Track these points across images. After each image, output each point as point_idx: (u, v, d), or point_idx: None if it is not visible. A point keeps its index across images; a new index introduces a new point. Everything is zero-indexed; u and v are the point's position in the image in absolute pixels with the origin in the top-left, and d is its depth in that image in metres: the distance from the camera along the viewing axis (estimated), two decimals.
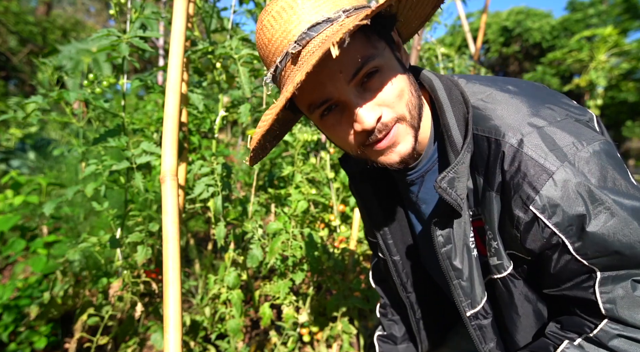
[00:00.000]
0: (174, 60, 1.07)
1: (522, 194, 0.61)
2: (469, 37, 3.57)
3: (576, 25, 16.14)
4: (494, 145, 0.64)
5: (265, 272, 1.93)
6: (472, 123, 0.67)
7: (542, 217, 0.60)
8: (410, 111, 0.66)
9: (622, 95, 12.71)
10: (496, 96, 0.67)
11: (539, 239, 0.62)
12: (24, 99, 1.32)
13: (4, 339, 1.68)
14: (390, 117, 0.64)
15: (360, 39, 0.61)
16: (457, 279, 0.73)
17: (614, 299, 0.59)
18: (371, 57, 0.61)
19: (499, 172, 0.64)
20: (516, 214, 0.62)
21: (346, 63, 0.60)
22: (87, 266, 1.90)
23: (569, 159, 0.59)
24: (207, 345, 1.66)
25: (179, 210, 1.02)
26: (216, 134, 1.53)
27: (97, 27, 15.61)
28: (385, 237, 0.92)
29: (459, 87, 0.71)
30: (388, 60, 0.64)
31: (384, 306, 1.14)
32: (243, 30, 1.64)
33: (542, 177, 0.59)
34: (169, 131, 1.04)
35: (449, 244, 0.71)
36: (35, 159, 4.34)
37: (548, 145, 0.60)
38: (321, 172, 1.91)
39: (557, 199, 0.59)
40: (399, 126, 0.66)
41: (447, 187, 0.65)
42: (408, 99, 0.65)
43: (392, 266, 0.94)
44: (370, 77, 0.62)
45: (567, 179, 0.58)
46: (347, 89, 0.62)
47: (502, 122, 0.64)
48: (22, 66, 12.55)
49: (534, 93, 0.66)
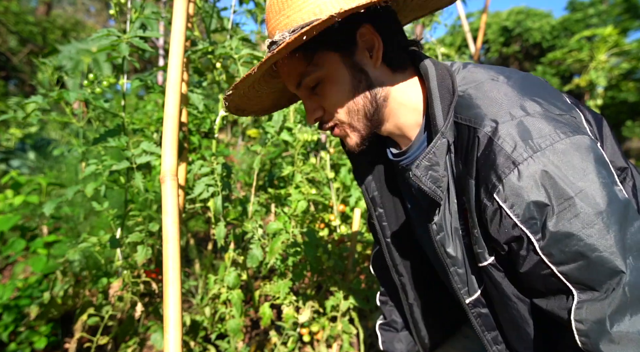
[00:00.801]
0: (174, 60, 1.07)
1: (488, 183, 0.61)
2: (469, 37, 3.57)
3: (576, 25, 16.13)
4: (472, 133, 0.64)
5: (265, 272, 1.93)
6: (453, 111, 0.67)
7: (504, 206, 0.59)
8: (352, 118, 0.73)
9: (622, 95, 12.70)
10: (484, 85, 0.67)
11: (502, 230, 0.61)
12: (24, 99, 1.32)
13: (4, 339, 1.68)
14: (327, 119, 0.76)
15: (298, 56, 0.69)
16: (453, 267, 0.74)
17: (589, 333, 0.55)
18: (306, 74, 0.71)
19: (474, 160, 0.64)
20: (483, 202, 0.62)
21: (289, 75, 0.73)
22: (87, 266, 1.90)
23: (540, 150, 0.57)
24: (207, 345, 1.66)
25: (179, 210, 1.02)
26: (216, 134, 1.53)
27: (97, 27, 15.61)
28: (380, 218, 0.95)
29: (452, 76, 0.71)
30: (331, 72, 0.70)
31: (384, 293, 1.15)
32: (243, 30, 1.64)
33: (507, 166, 0.58)
34: (169, 131, 1.04)
35: (442, 231, 0.72)
36: (35, 159, 4.34)
37: (521, 135, 0.59)
38: (321, 172, 1.91)
39: (519, 190, 0.57)
40: (337, 129, 0.76)
41: (421, 175, 0.67)
42: (349, 107, 0.73)
43: (386, 248, 0.97)
44: (315, 86, 0.73)
45: (534, 170, 0.57)
46: (297, 91, 0.75)
47: (482, 110, 0.64)
48: (22, 66, 12.55)
49: (524, 85, 0.66)
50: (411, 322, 1.02)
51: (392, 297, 1.13)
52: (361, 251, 1.99)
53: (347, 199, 2.03)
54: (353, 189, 1.88)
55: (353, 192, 1.86)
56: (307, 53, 0.69)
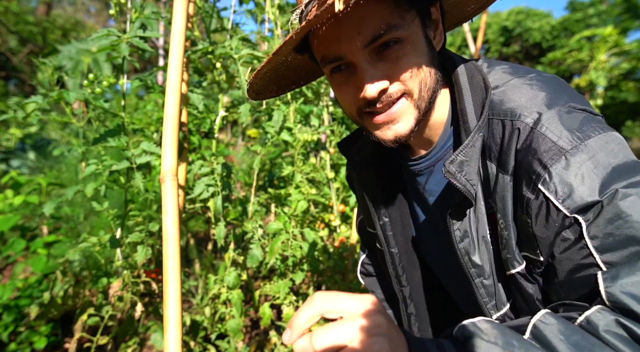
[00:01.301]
0: (174, 60, 1.07)
1: (531, 173, 0.56)
2: (469, 37, 3.57)
3: (576, 25, 16.14)
4: (509, 126, 0.60)
5: (265, 272, 1.93)
6: (488, 108, 0.64)
7: (551, 197, 0.54)
8: (421, 91, 0.62)
9: (622, 95, 12.70)
10: (515, 83, 0.64)
11: (550, 223, 0.55)
12: (24, 99, 1.32)
13: (4, 339, 1.68)
14: (396, 89, 0.61)
15: (388, 4, 0.57)
16: (479, 278, 0.67)
17: (618, 282, 0.49)
18: (395, 26, 0.58)
19: (513, 153, 0.59)
20: (526, 196, 0.58)
21: (366, 26, 0.57)
22: (87, 266, 1.90)
23: (588, 139, 0.54)
24: (207, 345, 1.66)
25: (179, 210, 1.02)
26: (216, 134, 1.53)
27: (97, 27, 15.60)
28: (385, 228, 0.89)
29: (482, 73, 0.68)
30: (414, 35, 0.60)
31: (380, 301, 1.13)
32: (243, 30, 1.64)
33: (553, 154, 0.54)
34: (169, 131, 1.04)
35: (467, 237, 0.66)
36: (35, 159, 4.34)
37: (566, 124, 0.56)
38: (321, 172, 1.91)
39: (568, 179, 0.53)
40: (404, 101, 0.63)
41: (455, 171, 0.62)
42: (422, 78, 0.62)
43: (389, 258, 0.91)
44: (388, 47, 0.59)
45: (583, 158, 0.53)
46: (360, 52, 0.59)
47: (518, 104, 0.61)
48: (22, 66, 12.55)
49: (555, 84, 0.63)
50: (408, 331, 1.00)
51: (386, 304, 1.09)
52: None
53: (347, 199, 2.03)
54: None
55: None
56: (401, 3, 0.58)
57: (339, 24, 0.57)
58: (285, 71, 0.74)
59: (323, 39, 0.61)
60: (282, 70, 0.72)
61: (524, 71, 0.67)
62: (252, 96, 0.76)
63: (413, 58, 0.60)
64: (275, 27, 1.70)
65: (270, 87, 0.77)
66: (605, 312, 0.49)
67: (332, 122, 2.09)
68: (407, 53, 0.60)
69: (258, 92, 0.76)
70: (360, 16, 0.56)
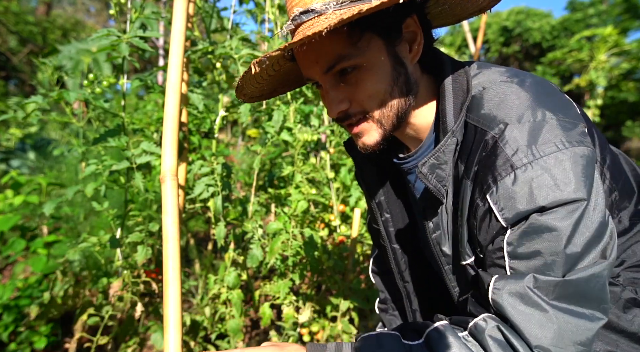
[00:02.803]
0: (174, 60, 1.07)
1: (484, 183, 0.61)
2: (469, 37, 3.57)
3: (576, 25, 16.13)
4: (479, 135, 0.63)
5: (265, 272, 1.93)
6: (465, 111, 0.66)
7: (494, 208, 0.59)
8: (384, 112, 0.66)
9: (622, 95, 12.70)
10: (497, 87, 0.66)
11: (490, 231, 0.61)
12: (24, 99, 1.32)
13: (4, 339, 1.68)
14: (355, 112, 0.67)
15: (340, 34, 0.60)
16: (448, 265, 0.75)
17: (502, 290, 0.58)
18: (346, 56, 0.62)
19: (476, 161, 0.63)
20: (476, 202, 0.62)
21: (322, 56, 0.63)
22: (87, 266, 1.90)
23: (541, 158, 0.56)
24: (207, 345, 1.66)
25: (179, 210, 1.02)
26: (216, 134, 1.53)
27: (97, 27, 15.60)
28: (387, 224, 0.92)
29: (467, 75, 0.70)
30: (372, 59, 0.63)
31: (384, 301, 1.13)
32: (243, 30, 1.64)
33: (505, 169, 0.58)
34: (169, 131, 1.04)
35: (438, 229, 0.73)
36: (35, 159, 4.34)
37: (525, 140, 0.58)
38: (321, 172, 1.91)
39: (512, 194, 0.57)
40: (364, 123, 0.68)
41: (427, 172, 0.67)
42: (383, 100, 0.65)
43: (392, 254, 0.95)
44: (348, 72, 0.64)
45: (530, 176, 0.56)
46: (323, 77, 0.66)
47: (493, 112, 0.63)
48: (22, 66, 12.54)
49: (537, 90, 0.64)
50: None
51: (395, 303, 1.11)
52: (361, 251, 1.99)
53: (347, 199, 2.03)
54: (353, 189, 1.88)
55: (353, 192, 1.86)
56: (353, 32, 0.61)
57: (304, 53, 0.64)
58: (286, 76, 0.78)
59: (299, 63, 0.68)
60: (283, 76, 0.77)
61: (513, 74, 0.68)
62: (244, 99, 0.79)
63: (371, 82, 0.64)
64: (275, 27, 1.70)
65: (274, 88, 0.81)
66: (489, 319, 0.58)
67: (332, 122, 2.09)
68: (364, 78, 0.64)
69: (251, 96, 0.79)
70: (315, 48, 0.61)
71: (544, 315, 0.55)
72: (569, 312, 0.55)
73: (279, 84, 0.80)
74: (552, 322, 0.54)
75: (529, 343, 0.55)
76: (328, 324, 1.72)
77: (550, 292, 0.55)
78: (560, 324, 0.54)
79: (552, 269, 0.55)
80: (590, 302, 0.56)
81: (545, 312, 0.55)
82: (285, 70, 0.74)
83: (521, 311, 0.55)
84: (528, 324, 0.55)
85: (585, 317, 0.55)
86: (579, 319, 0.55)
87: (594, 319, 0.56)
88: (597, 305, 0.56)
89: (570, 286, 0.55)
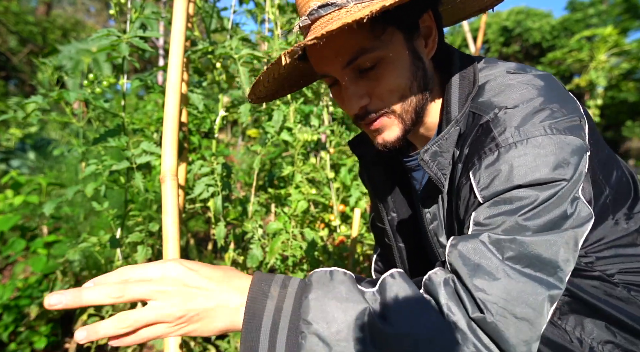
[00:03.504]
0: (174, 60, 1.07)
1: (469, 161, 0.61)
2: (469, 37, 3.57)
3: (576, 25, 16.14)
4: (476, 119, 0.63)
5: (265, 272, 1.93)
6: (470, 101, 0.66)
7: (474, 184, 0.59)
8: (404, 106, 0.66)
9: (622, 95, 12.71)
10: (502, 78, 0.66)
11: (468, 209, 0.60)
12: (24, 99, 1.32)
13: (4, 339, 1.68)
14: (376, 107, 0.66)
15: (363, 28, 0.59)
16: None
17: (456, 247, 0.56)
18: (369, 49, 0.61)
19: (469, 143, 0.63)
20: (461, 180, 0.62)
21: (343, 50, 0.62)
22: (87, 266, 1.90)
23: (526, 139, 0.56)
24: (207, 345, 1.66)
25: (179, 210, 1.02)
26: (216, 134, 1.53)
27: (97, 27, 15.60)
28: (392, 223, 0.92)
29: (475, 68, 0.70)
30: (394, 53, 0.63)
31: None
32: (243, 30, 1.64)
33: (490, 148, 0.58)
34: (169, 131, 1.04)
35: (435, 220, 0.72)
36: (35, 159, 4.34)
37: (515, 122, 0.58)
38: (321, 172, 1.91)
39: (493, 172, 0.57)
40: (385, 118, 0.67)
41: (429, 160, 0.67)
42: (403, 94, 0.65)
43: (397, 253, 0.95)
44: (368, 66, 0.63)
45: (511, 156, 0.56)
46: (342, 72, 0.64)
47: (491, 99, 0.63)
48: (22, 66, 12.55)
49: (539, 84, 0.64)
50: None
51: None
52: (361, 251, 1.99)
53: (347, 199, 2.03)
54: (353, 189, 1.88)
55: (353, 192, 1.86)
56: (376, 26, 0.60)
57: (322, 48, 0.61)
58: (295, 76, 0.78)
59: (312, 59, 0.67)
60: (294, 76, 0.77)
61: (520, 68, 0.68)
62: (255, 101, 0.78)
63: (393, 76, 0.64)
64: (275, 27, 1.70)
65: (277, 90, 0.80)
66: (441, 271, 0.56)
67: (332, 122, 2.09)
68: (386, 72, 0.63)
69: (261, 97, 0.79)
70: (337, 42, 0.60)
71: (494, 268, 0.52)
72: (520, 272, 0.52)
73: (280, 86, 0.80)
74: (502, 276, 0.52)
75: (474, 295, 0.52)
76: None
77: (504, 250, 0.53)
78: (510, 280, 0.52)
79: (509, 232, 0.54)
80: (545, 268, 0.53)
81: (495, 266, 0.52)
82: (289, 71, 0.73)
83: (471, 262, 0.53)
84: (475, 274, 0.53)
85: (538, 280, 0.53)
86: (531, 280, 0.52)
87: (547, 285, 0.53)
88: (552, 272, 0.54)
89: (523, 247, 0.53)
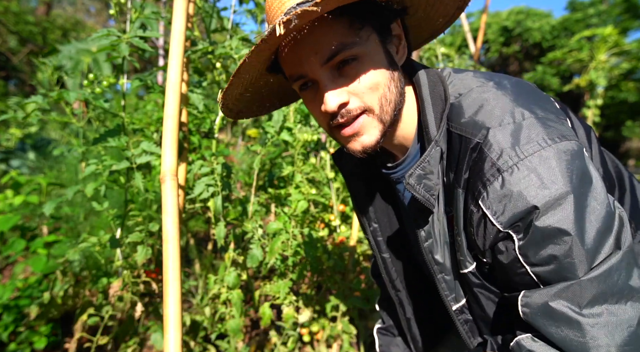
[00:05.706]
0: (174, 60, 1.07)
1: (475, 190, 0.61)
2: (469, 37, 3.57)
3: (576, 25, 16.13)
4: (465, 143, 0.63)
5: (265, 272, 1.93)
6: (445, 120, 0.67)
7: (488, 213, 0.59)
8: (382, 106, 0.66)
9: (622, 95, 12.72)
10: (475, 93, 0.66)
11: (487, 236, 0.61)
12: (24, 99, 1.32)
13: (4, 339, 1.68)
14: (356, 105, 0.65)
15: (342, 24, 0.61)
16: (441, 273, 0.75)
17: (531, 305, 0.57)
18: (349, 45, 0.61)
19: (466, 168, 0.64)
20: (470, 209, 0.63)
21: (322, 46, 0.61)
22: (87, 266, 1.90)
23: (526, 157, 0.57)
24: (207, 345, 1.66)
25: (179, 210, 1.02)
26: (216, 134, 1.53)
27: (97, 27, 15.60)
28: (375, 234, 0.93)
29: (444, 83, 0.71)
30: (371, 51, 0.64)
31: (384, 299, 1.14)
32: (243, 30, 1.64)
33: (492, 174, 0.58)
34: (169, 131, 1.04)
35: (430, 238, 0.73)
36: (35, 159, 4.34)
37: (509, 141, 0.58)
38: (321, 172, 1.91)
39: (502, 198, 0.57)
40: (365, 117, 0.66)
41: (414, 183, 0.67)
42: (382, 93, 0.65)
43: (382, 263, 0.96)
44: (346, 64, 0.63)
45: (517, 178, 0.56)
46: (320, 70, 0.63)
47: (474, 118, 0.63)
48: (22, 66, 12.55)
49: (514, 91, 0.65)
50: (409, 335, 1.02)
51: (391, 305, 1.12)
52: (361, 251, 1.99)
53: (347, 199, 2.03)
54: None
55: None
56: (356, 21, 0.61)
57: (298, 46, 0.62)
58: (265, 92, 0.79)
59: (286, 60, 0.66)
60: (264, 92, 0.77)
61: (488, 78, 0.69)
62: (230, 116, 0.79)
63: (371, 73, 0.64)
64: None
65: (251, 107, 0.81)
66: (528, 339, 0.58)
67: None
68: (365, 69, 0.63)
69: (238, 112, 0.80)
70: (315, 38, 0.60)
71: (579, 331, 0.54)
72: (601, 315, 0.53)
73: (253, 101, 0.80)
74: (587, 335, 0.53)
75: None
76: (328, 324, 1.72)
77: (577, 299, 0.54)
78: (598, 330, 0.53)
79: (571, 271, 0.54)
80: (620, 296, 0.54)
81: (579, 325, 0.54)
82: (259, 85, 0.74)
83: (554, 332, 0.55)
84: (564, 344, 0.55)
85: (621, 311, 0.53)
86: (614, 316, 0.53)
87: (633, 308, 0.53)
88: (629, 296, 0.54)
89: (592, 287, 0.53)
